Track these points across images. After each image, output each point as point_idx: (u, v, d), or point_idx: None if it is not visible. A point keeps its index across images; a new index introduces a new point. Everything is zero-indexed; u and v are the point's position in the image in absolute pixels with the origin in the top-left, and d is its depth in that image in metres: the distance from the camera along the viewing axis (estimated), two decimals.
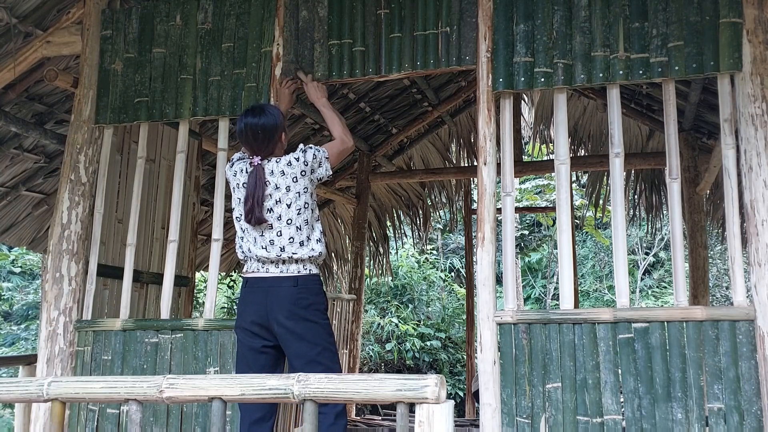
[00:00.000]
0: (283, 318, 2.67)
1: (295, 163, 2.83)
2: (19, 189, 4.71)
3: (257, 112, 2.86)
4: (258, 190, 2.76)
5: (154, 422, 3.19)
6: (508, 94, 3.07)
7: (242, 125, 2.86)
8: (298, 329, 2.66)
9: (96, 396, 1.71)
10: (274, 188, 2.80)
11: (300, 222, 2.77)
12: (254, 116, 2.85)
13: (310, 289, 2.75)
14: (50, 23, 3.76)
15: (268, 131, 2.84)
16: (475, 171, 3.42)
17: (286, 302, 2.68)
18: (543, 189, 12.58)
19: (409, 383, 1.51)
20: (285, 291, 2.70)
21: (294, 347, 2.67)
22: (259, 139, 2.83)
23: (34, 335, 10.64)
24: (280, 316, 2.67)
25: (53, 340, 3.33)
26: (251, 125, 2.83)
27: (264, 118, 2.84)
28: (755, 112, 2.75)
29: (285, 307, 2.67)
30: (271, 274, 2.76)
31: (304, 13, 3.39)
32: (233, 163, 3.00)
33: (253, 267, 2.80)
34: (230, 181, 2.97)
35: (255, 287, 2.77)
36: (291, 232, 2.75)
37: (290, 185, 2.79)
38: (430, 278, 11.50)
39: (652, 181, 6.71)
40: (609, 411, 2.70)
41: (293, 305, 2.68)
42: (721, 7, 2.83)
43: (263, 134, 2.83)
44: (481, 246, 2.94)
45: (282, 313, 2.67)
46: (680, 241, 2.83)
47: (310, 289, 2.74)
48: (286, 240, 2.75)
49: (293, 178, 2.79)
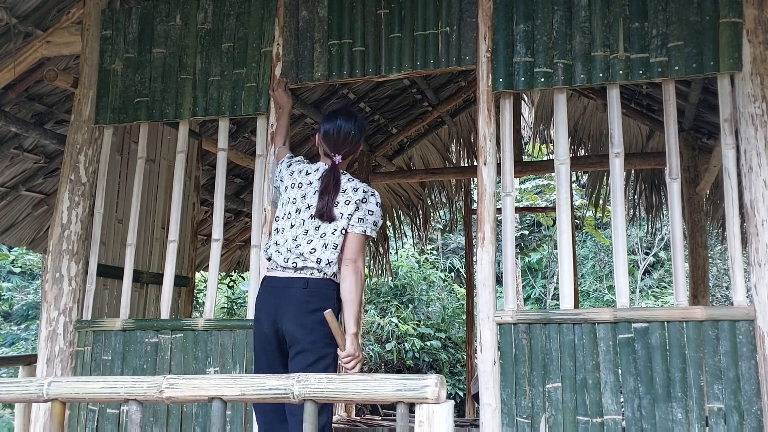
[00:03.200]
0: (287, 321, 2.62)
1: (354, 196, 2.73)
2: (19, 189, 4.71)
3: (350, 116, 2.84)
4: (335, 186, 2.70)
5: (154, 422, 3.20)
6: (508, 94, 3.07)
7: (334, 127, 2.82)
8: (299, 334, 2.62)
9: (96, 396, 1.71)
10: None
11: (332, 242, 2.68)
12: (347, 120, 2.82)
13: (319, 293, 2.65)
14: (50, 23, 3.76)
15: (356, 137, 2.83)
16: (475, 171, 3.42)
17: (293, 305, 2.62)
18: (543, 189, 12.58)
19: (409, 383, 1.51)
20: (294, 292, 2.64)
21: (293, 351, 2.64)
22: (346, 142, 2.81)
23: (34, 335, 10.64)
24: (285, 319, 2.63)
25: (53, 340, 3.33)
26: (345, 129, 2.80)
27: (357, 124, 2.83)
28: (755, 112, 2.75)
29: (291, 310, 2.62)
30: (285, 275, 2.69)
31: (304, 13, 3.39)
32: (289, 163, 2.93)
33: (272, 266, 2.76)
34: (283, 178, 2.89)
35: (269, 287, 2.72)
36: (320, 245, 2.68)
37: (342, 205, 2.72)
38: (430, 278, 11.50)
39: (652, 181, 6.71)
40: (609, 411, 2.70)
41: (299, 308, 2.61)
42: (721, 7, 2.83)
43: (351, 139, 2.81)
44: (481, 246, 2.94)
45: (287, 316, 2.62)
46: (680, 241, 2.83)
47: (318, 293, 2.65)
48: (315, 252, 2.67)
49: (346, 201, 2.72)
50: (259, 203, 3.28)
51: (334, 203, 2.69)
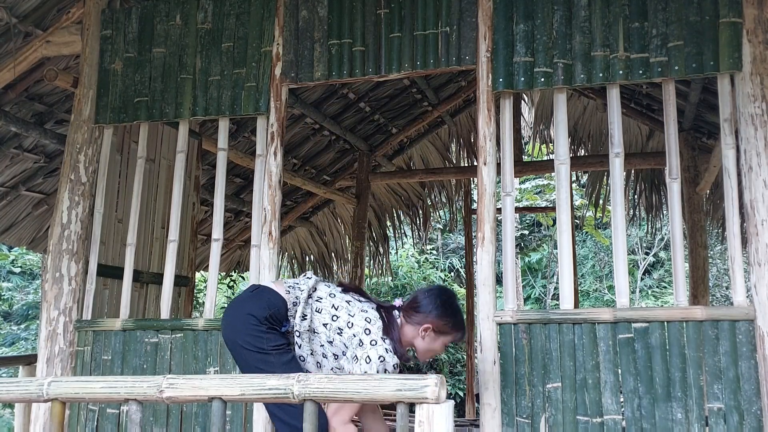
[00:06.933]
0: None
1: (348, 332, 2.47)
2: (19, 189, 4.71)
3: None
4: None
5: (154, 422, 3.20)
6: (508, 94, 3.07)
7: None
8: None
9: (96, 396, 1.71)
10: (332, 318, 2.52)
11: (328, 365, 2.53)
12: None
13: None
14: (50, 23, 3.76)
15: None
16: (475, 171, 3.42)
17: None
18: (543, 189, 12.59)
19: (409, 383, 1.51)
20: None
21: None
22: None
23: (34, 335, 10.64)
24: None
25: (53, 340, 3.33)
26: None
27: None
28: (755, 112, 2.75)
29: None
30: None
31: (304, 13, 3.39)
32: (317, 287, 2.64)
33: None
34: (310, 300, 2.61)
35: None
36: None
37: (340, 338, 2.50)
38: (430, 278, 11.50)
39: (652, 181, 6.71)
40: (609, 411, 2.70)
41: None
42: (720, 7, 2.83)
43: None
44: (481, 246, 2.94)
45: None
46: (680, 241, 2.83)
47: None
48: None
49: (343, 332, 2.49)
50: (259, 203, 3.28)
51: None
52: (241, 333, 2.44)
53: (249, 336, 2.42)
